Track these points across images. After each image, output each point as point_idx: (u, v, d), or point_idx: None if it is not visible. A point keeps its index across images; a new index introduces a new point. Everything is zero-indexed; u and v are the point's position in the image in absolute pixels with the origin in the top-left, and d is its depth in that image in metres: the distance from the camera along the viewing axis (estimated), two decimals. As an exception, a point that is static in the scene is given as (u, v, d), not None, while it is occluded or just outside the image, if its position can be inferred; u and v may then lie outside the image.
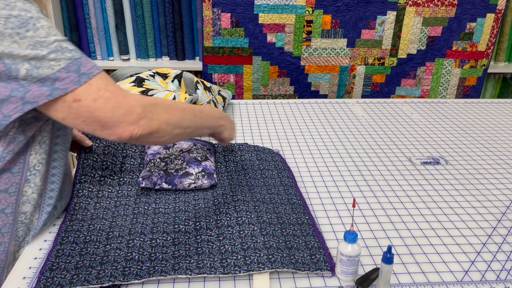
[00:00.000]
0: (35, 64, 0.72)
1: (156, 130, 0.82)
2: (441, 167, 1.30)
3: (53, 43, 0.74)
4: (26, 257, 0.88)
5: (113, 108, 0.76)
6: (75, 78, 0.74)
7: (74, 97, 0.74)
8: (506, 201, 1.14)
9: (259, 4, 2.13)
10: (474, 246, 0.96)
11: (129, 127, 0.77)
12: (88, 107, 0.75)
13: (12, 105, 0.74)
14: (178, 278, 0.84)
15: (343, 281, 0.84)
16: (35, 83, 0.73)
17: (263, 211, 1.00)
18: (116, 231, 0.94)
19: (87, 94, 0.75)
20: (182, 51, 2.48)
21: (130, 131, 0.78)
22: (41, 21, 0.74)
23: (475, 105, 1.83)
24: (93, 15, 2.35)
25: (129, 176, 1.13)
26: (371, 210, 1.08)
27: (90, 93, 0.75)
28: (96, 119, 0.76)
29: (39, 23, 0.73)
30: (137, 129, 0.78)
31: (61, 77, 0.73)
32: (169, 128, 0.84)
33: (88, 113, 0.75)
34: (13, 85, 0.73)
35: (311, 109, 1.72)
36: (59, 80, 0.73)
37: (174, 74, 1.46)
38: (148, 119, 0.80)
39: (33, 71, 0.72)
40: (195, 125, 0.94)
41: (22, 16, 0.72)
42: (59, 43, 0.74)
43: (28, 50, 0.72)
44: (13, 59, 0.71)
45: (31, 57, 0.72)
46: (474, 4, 2.22)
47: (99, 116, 0.76)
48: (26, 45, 0.72)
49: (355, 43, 2.26)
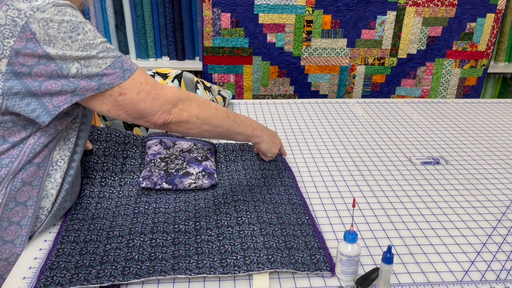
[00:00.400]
0: (84, 63, 0.80)
1: (186, 121, 0.92)
2: (441, 167, 1.30)
3: (100, 44, 0.82)
4: (26, 257, 0.88)
5: (152, 100, 0.87)
6: (120, 73, 0.84)
7: (120, 91, 0.84)
8: (506, 201, 1.14)
9: (259, 4, 2.13)
10: (474, 246, 0.96)
11: (163, 115, 0.88)
12: (132, 99, 0.85)
13: (62, 97, 0.81)
14: (178, 278, 0.84)
15: (343, 281, 0.84)
16: (84, 79, 0.81)
17: (263, 211, 1.00)
18: (116, 231, 0.94)
19: (131, 88, 0.85)
20: (182, 51, 2.48)
21: (163, 118, 0.89)
22: (87, 25, 0.82)
23: (475, 105, 1.83)
24: (93, 15, 2.35)
25: (129, 176, 1.14)
26: (371, 210, 1.08)
27: (134, 87, 0.85)
28: (138, 109, 0.86)
29: (87, 27, 0.81)
30: (169, 116, 0.89)
31: (108, 73, 0.82)
32: (198, 122, 0.94)
33: (132, 104, 0.85)
34: (63, 82, 0.80)
35: (311, 109, 1.72)
36: (106, 76, 0.82)
37: (174, 74, 1.46)
38: (179, 109, 0.90)
39: (83, 70, 0.80)
40: (226, 127, 1.01)
41: (72, 21, 0.79)
42: (104, 44, 0.83)
43: (79, 52, 0.80)
44: (65, 60, 0.79)
45: (81, 58, 0.80)
46: (474, 4, 2.22)
47: (141, 107, 0.86)
48: (77, 47, 0.79)
49: (355, 43, 2.26)
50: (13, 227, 0.87)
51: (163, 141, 1.20)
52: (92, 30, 0.82)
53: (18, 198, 0.86)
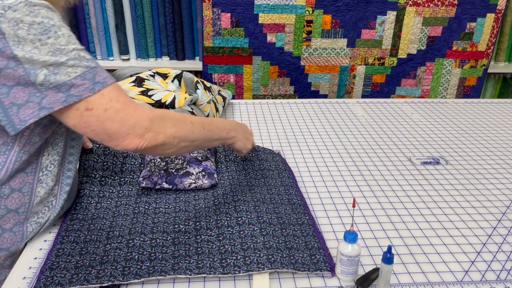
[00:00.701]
0: (53, 70, 0.75)
1: (162, 143, 0.83)
2: (441, 167, 1.30)
3: (72, 51, 0.76)
4: (26, 257, 0.88)
5: (122, 120, 0.78)
6: (89, 85, 0.77)
7: (87, 105, 0.77)
8: (506, 201, 1.14)
9: (259, 4, 2.13)
10: (474, 246, 0.96)
11: (135, 139, 0.79)
12: (99, 117, 0.77)
13: (29, 110, 0.76)
14: (178, 278, 0.84)
15: (343, 281, 0.84)
16: (52, 89, 0.75)
17: (263, 211, 1.00)
18: (116, 231, 0.94)
19: (99, 104, 0.77)
20: (182, 51, 2.48)
21: (136, 144, 0.79)
22: (62, 29, 0.77)
23: (475, 105, 1.83)
24: (93, 15, 2.35)
25: (129, 176, 1.13)
26: (371, 210, 1.08)
27: (102, 103, 0.77)
28: (105, 129, 0.78)
29: (60, 31, 0.76)
30: (142, 141, 0.80)
31: (76, 84, 0.76)
32: (175, 141, 0.85)
33: (98, 122, 0.77)
34: (30, 90, 0.75)
35: (311, 109, 1.72)
36: (75, 87, 0.76)
37: (174, 74, 1.46)
38: (154, 133, 0.81)
39: (51, 77, 0.75)
40: (203, 138, 0.94)
41: (45, 24, 0.75)
42: (77, 52, 0.77)
43: (48, 56, 0.74)
44: (33, 64, 0.74)
45: (50, 63, 0.75)
46: (474, 4, 2.22)
47: (108, 127, 0.78)
48: (46, 51, 0.74)
49: (355, 43, 2.26)
50: (7, 235, 0.87)
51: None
52: (65, 35, 0.77)
53: (10, 206, 0.86)
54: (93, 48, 2.45)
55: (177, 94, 1.35)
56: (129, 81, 1.39)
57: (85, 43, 2.43)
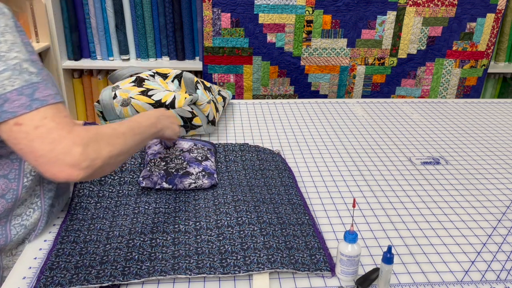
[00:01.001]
0: None
1: (100, 167, 0.73)
2: (441, 167, 1.30)
3: (13, 60, 0.69)
4: (26, 257, 0.88)
5: (53, 141, 0.67)
6: (26, 102, 0.68)
7: (17, 120, 0.67)
8: (506, 201, 1.14)
9: (259, 4, 2.13)
10: (474, 246, 0.96)
11: (67, 169, 0.68)
12: (28, 134, 0.67)
13: None
14: (178, 278, 0.84)
15: (343, 281, 0.84)
16: None
17: (263, 211, 1.00)
18: (116, 231, 0.94)
19: (30, 119, 0.67)
20: (182, 51, 2.48)
21: (68, 174, 0.68)
22: (6, 35, 0.69)
23: (475, 105, 1.83)
24: (93, 15, 2.35)
25: (129, 175, 1.13)
26: (371, 210, 1.08)
27: (34, 120, 0.68)
28: (33, 149, 0.67)
29: (3, 37, 0.69)
30: (77, 172, 0.69)
31: (11, 98, 0.67)
32: (112, 160, 0.77)
33: (27, 140, 0.67)
34: None
35: (311, 109, 1.72)
36: (9, 101, 0.67)
37: (174, 74, 1.46)
38: (90, 160, 0.70)
39: None
40: (137, 144, 0.87)
41: None
42: (20, 62, 0.69)
43: None
44: None
45: None
46: (474, 4, 2.22)
47: (36, 147, 0.67)
48: None
49: (355, 43, 2.26)
50: None
51: (163, 140, 1.20)
52: (9, 42, 0.69)
53: None
54: (93, 48, 2.45)
55: (177, 94, 1.35)
56: (129, 81, 1.39)
57: (85, 43, 2.44)
